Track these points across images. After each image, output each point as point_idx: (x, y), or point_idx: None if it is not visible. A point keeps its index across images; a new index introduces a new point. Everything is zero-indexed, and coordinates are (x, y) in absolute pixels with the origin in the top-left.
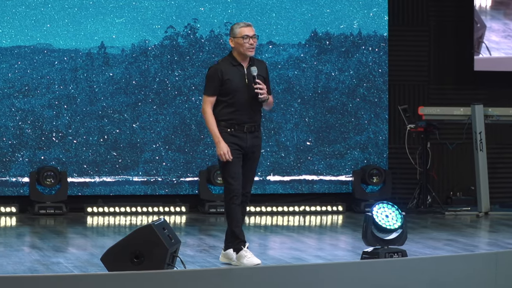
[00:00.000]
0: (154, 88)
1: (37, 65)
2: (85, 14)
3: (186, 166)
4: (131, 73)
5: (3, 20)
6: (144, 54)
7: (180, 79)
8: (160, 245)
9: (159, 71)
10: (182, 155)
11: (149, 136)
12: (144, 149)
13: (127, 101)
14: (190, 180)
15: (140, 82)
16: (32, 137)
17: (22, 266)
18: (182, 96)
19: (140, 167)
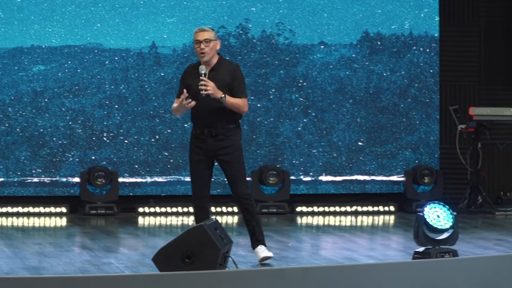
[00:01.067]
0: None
1: (88, 65)
2: (136, 14)
3: None
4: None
5: (53, 19)
6: (195, 54)
7: None
8: (212, 245)
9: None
10: None
11: None
12: None
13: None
14: None
15: None
16: (82, 137)
17: (73, 266)
18: None
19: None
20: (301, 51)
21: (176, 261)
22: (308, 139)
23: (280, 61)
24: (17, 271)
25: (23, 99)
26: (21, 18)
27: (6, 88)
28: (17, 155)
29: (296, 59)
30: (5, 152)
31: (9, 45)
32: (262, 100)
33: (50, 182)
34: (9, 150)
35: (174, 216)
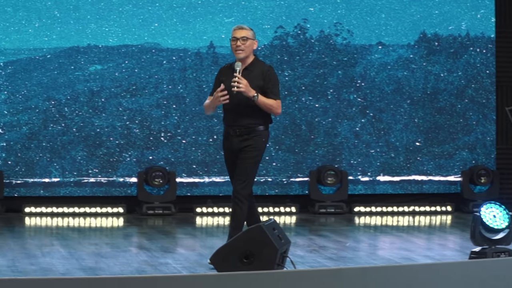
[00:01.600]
0: None
1: (145, 64)
2: (194, 14)
3: (296, 166)
4: None
5: (110, 19)
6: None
7: (290, 79)
8: (270, 245)
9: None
10: (292, 155)
11: None
12: None
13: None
14: (300, 180)
15: None
16: (140, 137)
17: (130, 267)
18: (292, 96)
19: None
20: (359, 52)
21: (234, 261)
22: (366, 139)
23: (338, 61)
24: (73, 272)
25: (79, 98)
26: (77, 18)
27: (62, 88)
28: (73, 155)
29: (354, 60)
30: (61, 152)
31: (65, 45)
32: (320, 100)
33: (107, 182)
34: (65, 150)
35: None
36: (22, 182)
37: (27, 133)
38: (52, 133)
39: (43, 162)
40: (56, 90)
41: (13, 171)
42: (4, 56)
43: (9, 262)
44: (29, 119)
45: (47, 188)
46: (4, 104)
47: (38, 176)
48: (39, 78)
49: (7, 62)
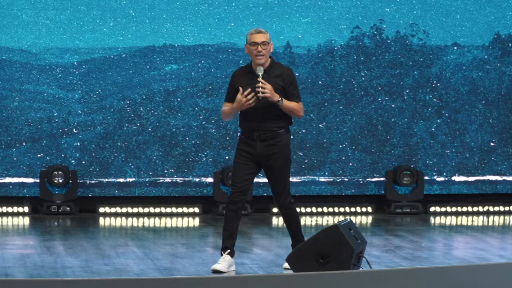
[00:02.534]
0: (340, 88)
1: (221, 64)
2: (270, 14)
3: (372, 166)
4: (317, 73)
5: (186, 18)
6: (330, 54)
7: (367, 79)
8: (346, 245)
9: (346, 71)
10: (369, 155)
11: (335, 136)
12: (330, 149)
13: (314, 101)
14: (376, 180)
15: (326, 82)
16: (216, 136)
17: (205, 267)
18: (368, 96)
19: (326, 167)
20: (435, 52)
21: (310, 261)
22: (442, 139)
23: (414, 62)
24: (148, 272)
25: (155, 98)
26: (152, 17)
27: (137, 87)
28: (148, 155)
29: (430, 60)
30: (136, 152)
31: (140, 44)
32: (396, 101)
33: (183, 182)
34: (140, 150)
35: (308, 216)
36: (96, 182)
37: (101, 133)
38: (127, 133)
39: (118, 162)
40: (132, 90)
41: (87, 171)
42: (78, 55)
43: (83, 263)
44: (103, 119)
45: (122, 188)
46: (78, 103)
47: (113, 176)
48: (114, 78)
49: (81, 61)
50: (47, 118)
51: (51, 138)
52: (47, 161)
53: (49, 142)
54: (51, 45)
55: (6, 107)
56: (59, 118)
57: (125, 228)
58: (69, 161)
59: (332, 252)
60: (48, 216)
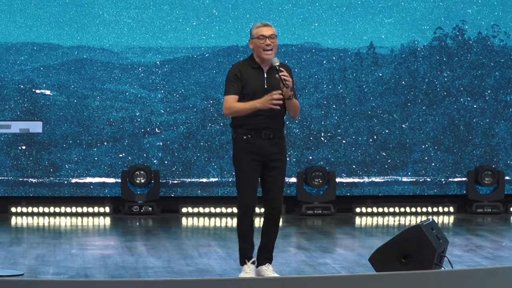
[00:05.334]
0: (423, 88)
1: (305, 64)
2: (354, 14)
3: (454, 166)
4: (400, 74)
5: (269, 18)
6: (413, 55)
7: (449, 80)
8: (428, 245)
9: (428, 71)
10: (451, 155)
11: (418, 137)
12: (413, 149)
13: (397, 101)
14: (458, 180)
15: (409, 83)
16: (300, 136)
17: (288, 267)
18: (450, 97)
19: (409, 167)
20: None
21: (392, 261)
22: None
23: (495, 62)
24: (230, 272)
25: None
26: (236, 16)
27: (221, 87)
28: (231, 154)
29: (511, 61)
30: (219, 151)
31: (224, 44)
32: (478, 101)
33: None
34: (223, 149)
35: (391, 216)
36: (179, 182)
37: (184, 133)
38: (210, 133)
39: (200, 162)
40: (215, 89)
41: (170, 171)
42: (160, 55)
43: (165, 263)
44: (186, 119)
45: (204, 188)
46: (161, 103)
47: (196, 176)
48: (197, 77)
49: (164, 60)
50: (129, 117)
51: (133, 137)
52: (129, 161)
53: (131, 141)
54: (133, 44)
55: (87, 107)
56: (141, 118)
57: (207, 228)
58: (151, 161)
59: (415, 251)
60: (129, 216)
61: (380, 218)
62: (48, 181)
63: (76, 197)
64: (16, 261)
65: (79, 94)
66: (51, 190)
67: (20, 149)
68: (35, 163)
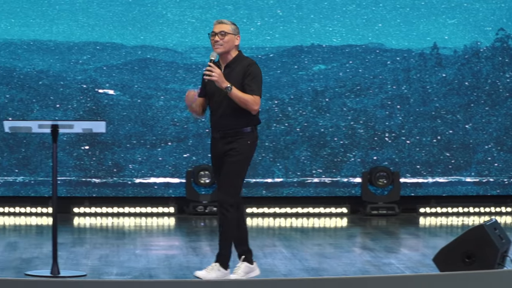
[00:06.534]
0: (486, 89)
1: (369, 65)
2: (417, 15)
3: None
4: (463, 74)
5: (333, 18)
6: (476, 56)
7: (511, 81)
8: (491, 245)
9: (491, 72)
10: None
11: (481, 137)
12: (476, 149)
13: (460, 101)
14: None
15: (472, 83)
16: (364, 137)
17: (353, 267)
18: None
19: (472, 167)
20: None
21: (456, 261)
22: None
23: None
24: (295, 273)
25: (303, 98)
26: (300, 17)
27: (285, 87)
28: (297, 155)
29: None
30: (284, 152)
31: (288, 44)
32: None
33: (331, 183)
34: (288, 150)
35: (455, 217)
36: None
37: None
38: (275, 133)
39: (265, 162)
40: (279, 90)
41: None
42: None
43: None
44: None
45: (269, 188)
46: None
47: (261, 176)
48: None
49: None
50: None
51: (197, 137)
52: (193, 161)
53: (195, 141)
54: (197, 44)
55: (151, 107)
56: (205, 118)
57: (272, 229)
58: None
59: (478, 251)
60: (194, 216)
61: (444, 218)
62: (112, 181)
63: (140, 197)
64: (79, 262)
65: (142, 94)
66: (115, 190)
67: (83, 149)
68: (98, 163)
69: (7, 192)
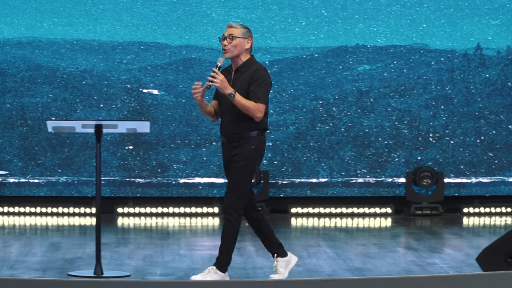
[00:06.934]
0: None
1: (414, 65)
2: (461, 15)
3: None
4: (506, 75)
5: (378, 19)
6: None
7: None
8: None
9: None
10: None
11: None
12: None
13: (503, 102)
14: None
15: None
16: (408, 137)
17: (397, 267)
18: None
19: None
20: None
21: (499, 261)
22: None
23: None
24: (339, 273)
25: (347, 98)
26: (345, 17)
27: (330, 87)
28: (341, 155)
29: None
30: (329, 152)
31: (333, 44)
32: None
33: (375, 183)
34: (333, 150)
35: (498, 216)
36: (288, 183)
37: (294, 133)
38: (320, 133)
39: (310, 162)
40: (324, 90)
41: (279, 171)
42: (269, 55)
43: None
44: (296, 119)
45: (314, 189)
46: (270, 103)
47: (305, 177)
48: (306, 77)
49: (273, 60)
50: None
51: None
52: None
53: None
54: None
55: (195, 107)
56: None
57: (317, 229)
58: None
59: None
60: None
61: (487, 218)
62: (156, 181)
63: (184, 198)
64: (123, 262)
65: (187, 94)
66: (159, 190)
67: (127, 149)
68: (143, 163)
69: (50, 192)
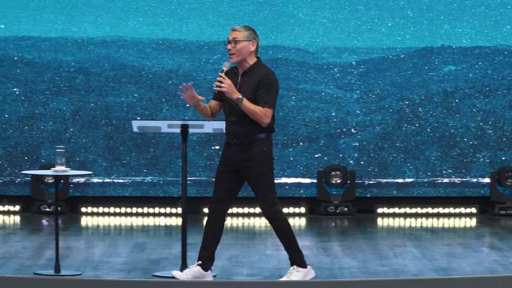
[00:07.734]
0: None
1: (498, 66)
2: None
3: None
4: None
5: (463, 20)
6: None
7: None
8: None
9: None
10: None
11: None
12: None
13: None
14: None
15: None
16: (493, 137)
17: (481, 267)
18: None
19: None
20: None
21: None
22: None
23: None
24: (425, 273)
25: (433, 99)
26: (430, 18)
27: (416, 88)
28: (427, 155)
29: None
30: (415, 152)
31: (419, 45)
32: None
33: (461, 183)
34: (419, 150)
35: None
36: (374, 183)
37: (380, 133)
38: (406, 133)
39: (396, 162)
40: (410, 90)
41: (366, 171)
42: (356, 55)
43: (360, 264)
44: (382, 119)
45: (400, 189)
46: (356, 103)
47: (392, 177)
48: (393, 78)
49: (360, 61)
50: (325, 118)
51: (329, 138)
52: (325, 161)
53: (327, 142)
54: (329, 45)
55: (282, 107)
56: (337, 118)
57: (403, 229)
58: (347, 161)
59: None
60: (325, 216)
61: None
62: None
63: None
64: None
65: None
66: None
67: (213, 149)
68: None
69: (135, 192)
